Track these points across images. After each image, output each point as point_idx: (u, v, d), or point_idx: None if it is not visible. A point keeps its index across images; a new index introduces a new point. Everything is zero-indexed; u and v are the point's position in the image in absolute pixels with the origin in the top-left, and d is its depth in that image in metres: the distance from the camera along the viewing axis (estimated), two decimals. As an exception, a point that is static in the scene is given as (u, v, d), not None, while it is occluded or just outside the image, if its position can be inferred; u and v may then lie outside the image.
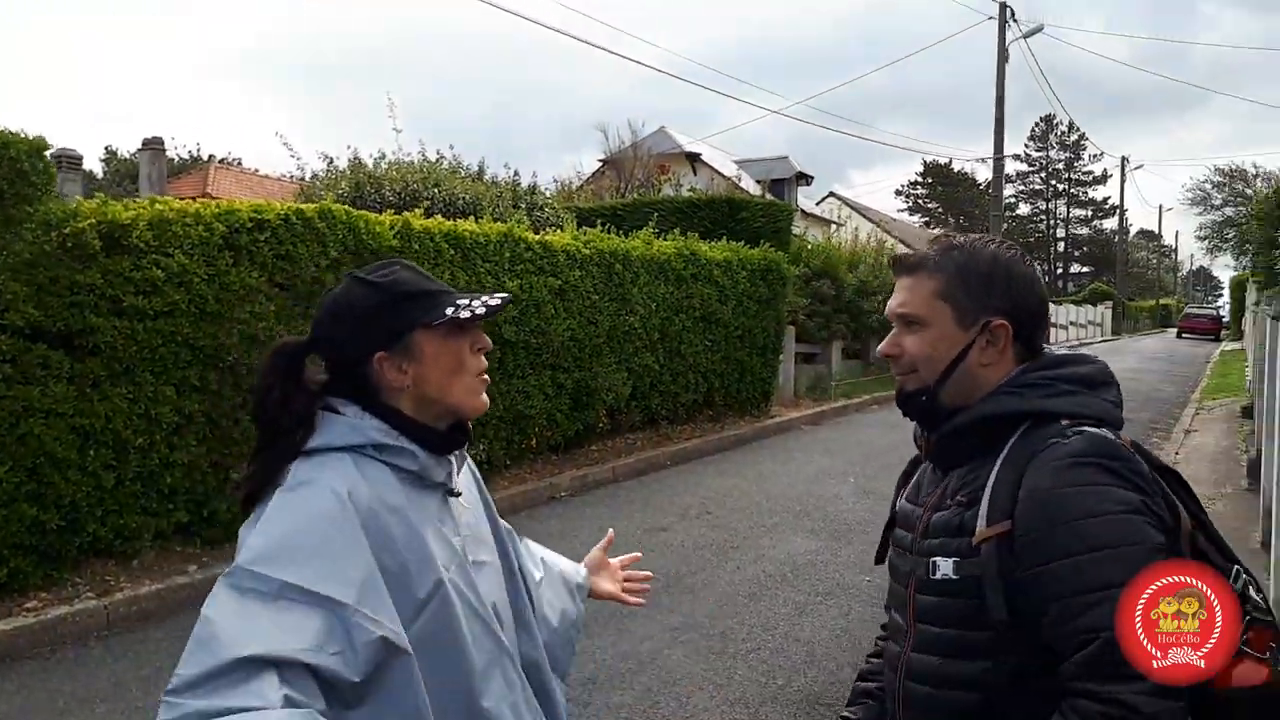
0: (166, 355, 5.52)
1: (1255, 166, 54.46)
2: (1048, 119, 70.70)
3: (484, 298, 1.38)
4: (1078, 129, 67.89)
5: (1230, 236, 52.22)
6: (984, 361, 1.38)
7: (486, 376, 1.43)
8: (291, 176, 19.19)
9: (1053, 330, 38.00)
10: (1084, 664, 1.18)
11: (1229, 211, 45.00)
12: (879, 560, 1.57)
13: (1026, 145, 72.85)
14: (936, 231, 27.98)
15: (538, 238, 8.72)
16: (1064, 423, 1.31)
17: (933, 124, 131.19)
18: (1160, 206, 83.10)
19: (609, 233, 10.20)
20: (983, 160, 59.86)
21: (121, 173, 33.50)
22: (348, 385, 1.37)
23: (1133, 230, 73.81)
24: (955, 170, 69.40)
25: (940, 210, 71.21)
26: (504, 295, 1.41)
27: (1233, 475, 8.54)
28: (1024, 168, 72.98)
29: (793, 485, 8.39)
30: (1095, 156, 70.25)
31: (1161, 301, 62.64)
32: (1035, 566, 1.23)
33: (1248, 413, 11.06)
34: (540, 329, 8.46)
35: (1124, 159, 52.39)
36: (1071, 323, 39.97)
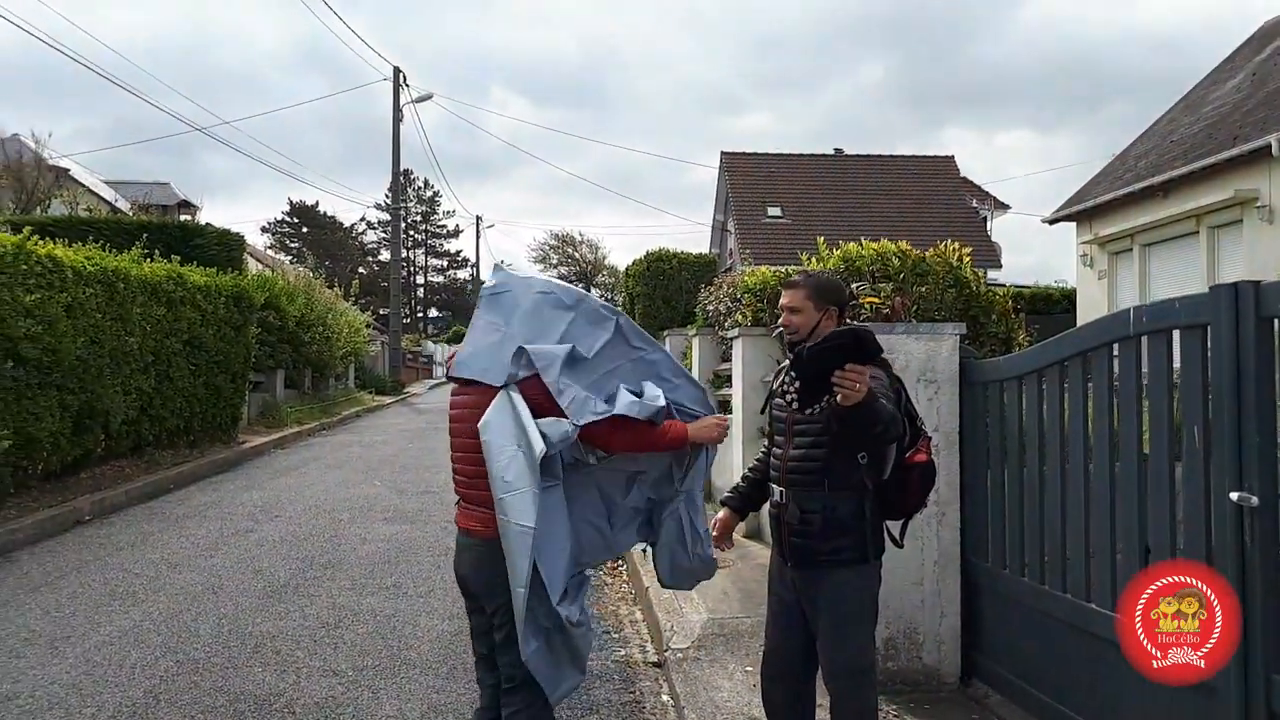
0: None
1: (580, 234, 66.28)
2: (405, 174, 76.26)
3: None
4: (432, 186, 74.70)
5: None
6: (824, 325, 3.06)
7: None
8: None
9: (431, 366, 41.76)
10: None
11: (563, 270, 54.29)
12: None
13: (387, 195, 77.48)
14: (305, 269, 28.65)
15: (46, 251, 8.24)
16: None
17: (298, 162, 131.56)
18: (499, 263, 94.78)
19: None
20: (380, 207, 62.77)
21: None
22: None
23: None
24: (321, 212, 71.04)
25: (303, 249, 71.67)
26: None
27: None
28: (385, 216, 77.47)
29: (330, 492, 9.15)
30: (449, 212, 77.89)
31: (501, 344, 71.73)
32: None
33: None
34: (53, 347, 8.03)
35: (478, 217, 59.36)
36: (443, 360, 44.32)
